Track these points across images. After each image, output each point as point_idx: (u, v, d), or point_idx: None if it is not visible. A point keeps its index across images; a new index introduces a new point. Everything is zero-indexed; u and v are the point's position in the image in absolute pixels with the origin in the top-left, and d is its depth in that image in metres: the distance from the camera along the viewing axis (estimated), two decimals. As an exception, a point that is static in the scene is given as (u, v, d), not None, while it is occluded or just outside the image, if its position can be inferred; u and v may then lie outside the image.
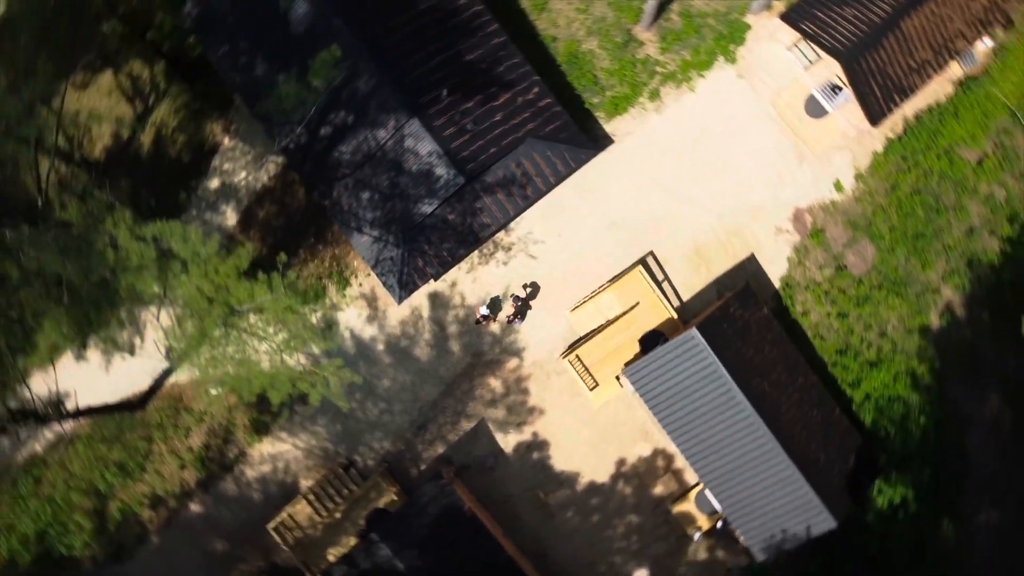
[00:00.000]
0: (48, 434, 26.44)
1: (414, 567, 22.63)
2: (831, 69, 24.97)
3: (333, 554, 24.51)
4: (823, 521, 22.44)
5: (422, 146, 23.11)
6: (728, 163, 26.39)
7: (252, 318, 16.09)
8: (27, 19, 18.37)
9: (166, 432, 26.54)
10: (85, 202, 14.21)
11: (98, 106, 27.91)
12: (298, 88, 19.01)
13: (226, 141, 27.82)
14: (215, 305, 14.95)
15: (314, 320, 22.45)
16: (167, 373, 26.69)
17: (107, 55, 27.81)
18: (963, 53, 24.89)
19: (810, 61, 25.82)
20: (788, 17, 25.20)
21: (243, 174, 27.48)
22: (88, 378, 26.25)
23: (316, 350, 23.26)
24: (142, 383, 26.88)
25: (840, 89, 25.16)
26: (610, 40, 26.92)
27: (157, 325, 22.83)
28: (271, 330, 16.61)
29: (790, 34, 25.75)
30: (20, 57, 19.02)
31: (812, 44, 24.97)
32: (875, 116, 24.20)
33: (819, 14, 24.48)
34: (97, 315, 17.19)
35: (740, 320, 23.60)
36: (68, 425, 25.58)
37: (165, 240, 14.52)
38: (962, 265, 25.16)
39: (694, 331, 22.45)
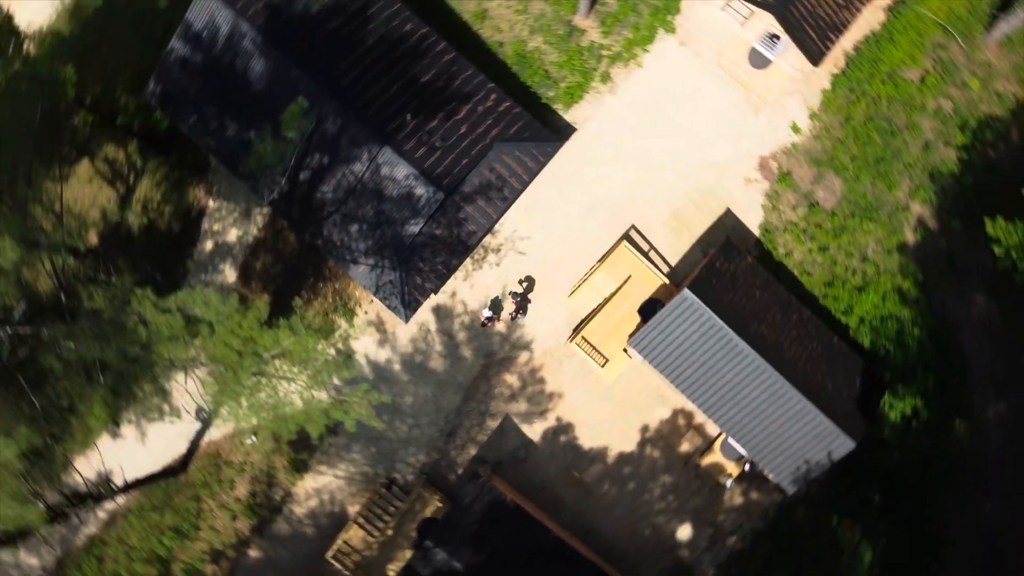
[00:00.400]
0: (101, 513, 27.77)
1: (471, 564, 24.08)
2: (766, 20, 26.41)
3: (393, 569, 25.93)
4: (842, 444, 23.91)
5: (398, 171, 24.51)
6: (687, 127, 27.84)
7: (278, 363, 17.46)
8: (9, 127, 19.62)
9: (212, 488, 27.94)
10: (108, 288, 15.55)
11: (82, 195, 29.30)
12: (275, 143, 20.40)
13: (211, 203, 29.19)
14: (245, 357, 16.34)
15: (332, 353, 23.79)
16: (201, 433, 28.09)
17: (81, 146, 29.16)
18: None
19: (744, 16, 27.26)
20: (715, -20, 26.63)
21: (234, 231, 28.85)
22: (127, 453, 27.66)
23: (338, 381, 24.73)
24: (179, 447, 28.28)
25: (778, 38, 26.59)
26: (553, 34, 28.33)
27: (183, 389, 24.27)
28: (296, 370, 18.00)
29: (721, -5, 27.24)
30: (7, 164, 20.30)
31: (743, 0, 26.41)
32: (815, 57, 25.65)
33: (743, -28, 25.91)
34: (135, 389, 18.54)
35: (727, 273, 25.07)
36: (120, 500, 26.93)
37: (188, 307, 15.92)
38: (925, 179, 26.65)
39: (687, 292, 23.92)
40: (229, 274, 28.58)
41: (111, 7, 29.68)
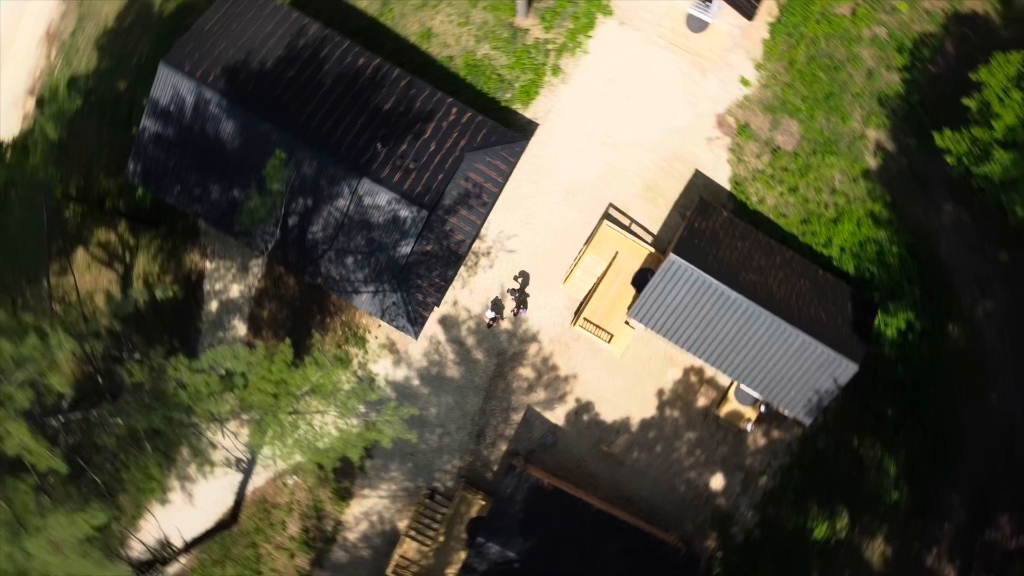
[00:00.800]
0: (166, 578, 29.26)
1: (523, 551, 25.56)
2: (695, -14, 27.90)
3: (451, 572, 27.42)
4: (846, 369, 25.39)
5: (379, 198, 25.92)
6: (643, 101, 29.28)
7: (308, 399, 18.84)
8: (19, 233, 20.94)
9: (265, 533, 29.38)
10: (144, 362, 16.90)
11: (82, 283, 30.68)
12: (263, 197, 21.79)
13: (208, 265, 30.59)
14: (280, 398, 17.72)
15: (355, 381, 25.17)
16: (244, 483, 29.51)
17: (74, 236, 30.54)
18: (800, -75, 27.81)
19: (675, -14, 28.72)
20: (640, -42, 28.05)
21: (235, 287, 30.26)
22: (179, 517, 29.10)
23: (363, 408, 26.16)
24: (226, 501, 29.71)
25: (710, 0, 28.06)
26: (498, 39, 29.74)
27: (220, 444, 25.69)
28: (327, 403, 19.38)
29: (649, -30, 28.65)
30: (25, 266, 21.64)
31: (670, -28, 27.84)
32: (748, 11, 27.10)
33: (665, -54, 27.33)
34: (180, 451, 19.94)
35: (707, 230, 26.54)
36: (183, 561, 28.36)
37: (219, 364, 17.30)
38: (875, 105, 28.14)
39: (672, 256, 25.39)
40: (240, 328, 30.00)
41: (83, 121, 31.31)
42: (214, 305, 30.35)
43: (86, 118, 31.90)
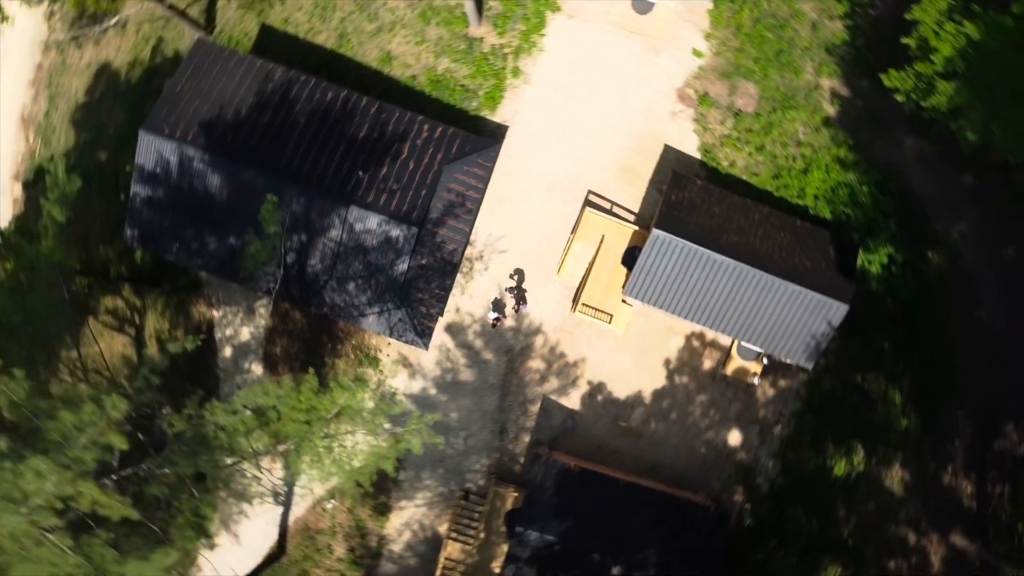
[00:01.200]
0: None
1: (561, 532, 26.98)
2: (635, -29, 29.27)
3: (497, 565, 28.83)
4: (837, 310, 26.80)
5: (369, 223, 27.29)
6: (604, 87, 30.65)
7: (338, 422, 20.19)
8: (40, 312, 22.23)
9: (313, 559, 30.76)
10: (182, 412, 18.20)
11: (94, 351, 31.99)
12: (262, 242, 23.16)
13: (215, 313, 31.95)
14: (313, 424, 19.06)
15: (377, 399, 26.56)
16: (286, 515, 30.90)
17: (82, 307, 31.87)
18: None
19: (616, -27, 30.09)
20: (578, -47, 29.42)
21: (245, 330, 31.63)
22: (229, 558, 30.50)
23: (387, 424, 27.57)
24: (271, 535, 31.09)
25: (651, -18, 29.46)
26: (456, 51, 31.09)
27: (256, 479, 27.07)
28: (355, 423, 20.72)
29: (588, -38, 30.03)
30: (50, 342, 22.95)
31: (609, -39, 29.20)
32: (689, -13, 28.52)
33: (599, -62, 28.69)
34: (222, 493, 21.34)
35: (685, 201, 27.94)
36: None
37: (252, 402, 18.60)
38: (824, 55, 29.54)
39: (655, 231, 26.80)
40: (256, 369, 31.36)
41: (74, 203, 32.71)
42: (228, 351, 31.71)
43: (80, 196, 33.24)
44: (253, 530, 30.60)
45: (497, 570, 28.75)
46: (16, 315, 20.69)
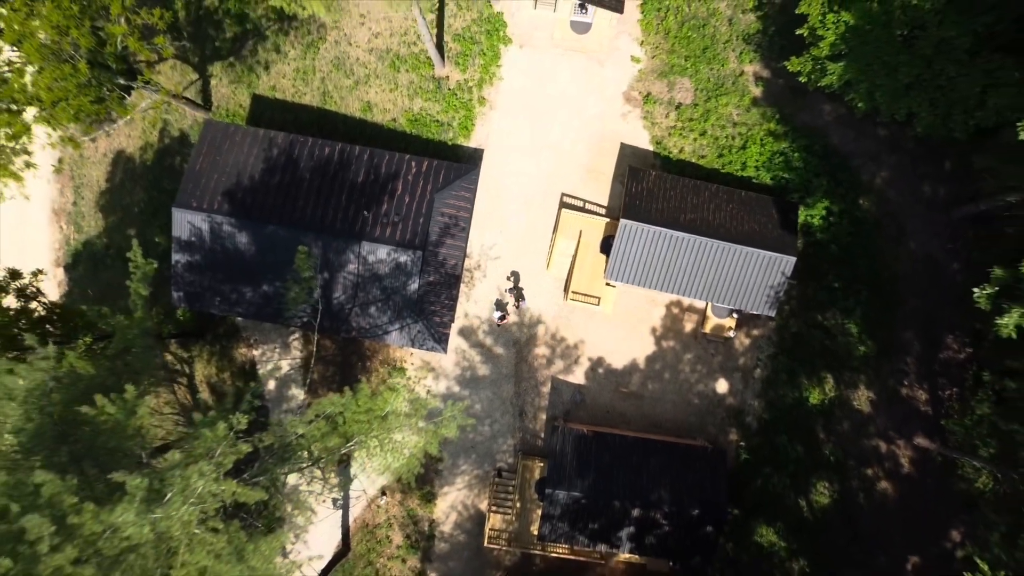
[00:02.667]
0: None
1: (586, 488, 32.71)
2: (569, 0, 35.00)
3: (534, 527, 34.61)
4: (787, 262, 32.50)
5: (380, 253, 33.02)
6: (560, 102, 36.39)
7: (391, 419, 25.81)
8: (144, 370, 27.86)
9: (376, 550, 36.54)
10: (269, 428, 23.90)
11: (158, 402, 37.71)
12: (299, 286, 28.88)
13: (255, 353, 37.72)
14: (372, 422, 24.68)
15: (411, 400, 32.26)
16: (346, 516, 36.67)
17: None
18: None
19: (551, 3, 35.82)
20: (519, -8, 35.14)
21: (284, 363, 37.40)
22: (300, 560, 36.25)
23: (422, 422, 33.36)
24: (335, 537, 36.90)
25: (584, 6, 35.17)
26: (427, 92, 36.83)
27: (314, 489, 32.80)
28: (399, 421, 26.37)
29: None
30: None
31: (546, -5, 34.93)
32: (617, 7, 34.14)
33: (535, -22, 34.43)
34: (288, 504, 27.18)
35: (643, 190, 33.70)
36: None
37: (322, 411, 24.26)
38: (743, 45, 35.29)
39: (623, 221, 32.54)
40: (299, 395, 37.12)
41: (96, 262, 38.47)
42: (272, 384, 37.48)
43: (110, 268, 39.13)
44: (319, 535, 36.37)
45: (535, 531, 34.56)
46: (124, 376, 26.08)
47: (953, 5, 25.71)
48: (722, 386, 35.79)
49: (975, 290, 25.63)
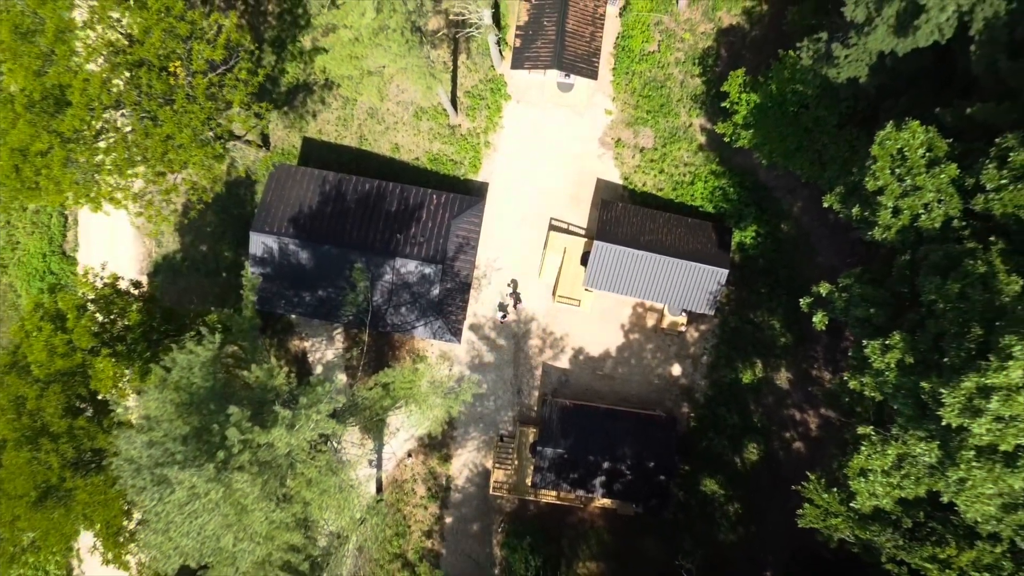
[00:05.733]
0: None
1: (568, 446, 46.41)
2: (556, 67, 48.78)
3: (529, 479, 48.43)
4: (721, 274, 46.09)
5: (409, 266, 46.76)
6: (549, 145, 50.18)
7: (425, 389, 39.58)
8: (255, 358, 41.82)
9: (404, 500, 50.25)
10: (366, 394, 37.55)
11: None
12: (355, 293, 42.68)
13: (306, 344, 51.57)
14: (413, 387, 38.26)
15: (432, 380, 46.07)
16: (379, 475, 50.50)
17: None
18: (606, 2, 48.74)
19: (542, 69, 49.61)
20: (516, 64, 48.91)
21: (329, 353, 51.23)
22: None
23: (441, 399, 47.24)
24: (371, 490, 50.74)
25: (568, 74, 48.96)
26: (443, 137, 50.63)
27: (353, 451, 46.61)
28: (428, 392, 40.09)
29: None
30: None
31: (532, 69, 48.79)
32: (592, 75, 47.93)
33: (527, 55, 48.22)
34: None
35: (613, 218, 47.49)
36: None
37: (380, 381, 38.01)
38: (691, 103, 49.06)
39: (596, 242, 46.31)
40: (341, 377, 50.94)
41: (174, 272, 52.21)
42: (319, 369, 51.32)
43: (185, 277, 52.98)
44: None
45: (530, 482, 48.46)
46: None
47: (825, 92, 39.62)
48: (676, 370, 49.67)
49: (801, 300, 37.80)
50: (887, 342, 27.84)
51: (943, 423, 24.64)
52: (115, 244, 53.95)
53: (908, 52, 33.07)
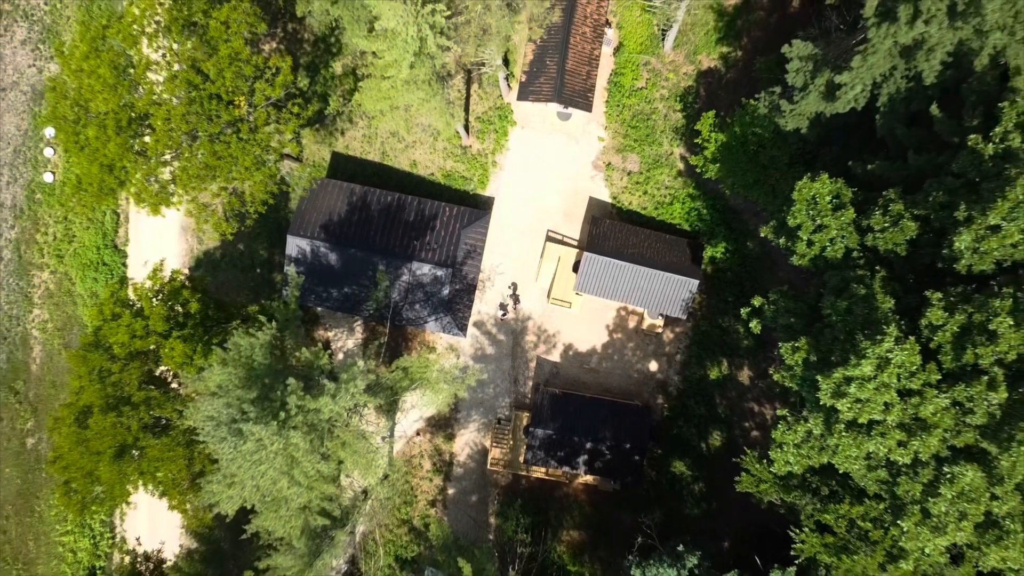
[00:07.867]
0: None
1: (557, 428, 57.46)
2: (556, 98, 59.99)
3: (522, 457, 59.69)
4: (692, 284, 57.20)
5: (424, 269, 57.94)
6: (548, 167, 61.36)
7: (435, 374, 50.58)
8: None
9: (412, 473, 61.60)
10: (383, 374, 48.92)
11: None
12: (379, 292, 53.91)
13: (329, 334, 62.89)
14: (428, 370, 49.40)
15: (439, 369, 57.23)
16: (390, 450, 61.77)
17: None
18: (602, 42, 59.91)
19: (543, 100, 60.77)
20: (522, 96, 60.07)
21: (349, 342, 62.52)
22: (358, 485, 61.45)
23: (446, 384, 58.46)
24: (382, 465, 62.00)
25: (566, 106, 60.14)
26: (456, 156, 61.84)
27: (371, 430, 57.93)
28: (438, 377, 51.16)
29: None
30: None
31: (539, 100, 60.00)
32: (587, 107, 59.07)
33: (531, 88, 59.39)
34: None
35: (601, 233, 58.63)
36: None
37: (400, 366, 48.98)
38: (673, 134, 60.22)
39: (586, 253, 57.51)
40: (360, 364, 62.13)
41: (213, 266, 63.47)
42: (340, 356, 62.64)
43: (224, 271, 64.29)
44: (373, 461, 61.51)
45: (522, 459, 59.79)
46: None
47: (778, 136, 50.84)
48: (653, 366, 60.97)
49: (741, 309, 49.21)
50: (796, 344, 39.11)
51: (820, 403, 35.97)
52: (161, 239, 65.20)
53: (836, 113, 44.42)
